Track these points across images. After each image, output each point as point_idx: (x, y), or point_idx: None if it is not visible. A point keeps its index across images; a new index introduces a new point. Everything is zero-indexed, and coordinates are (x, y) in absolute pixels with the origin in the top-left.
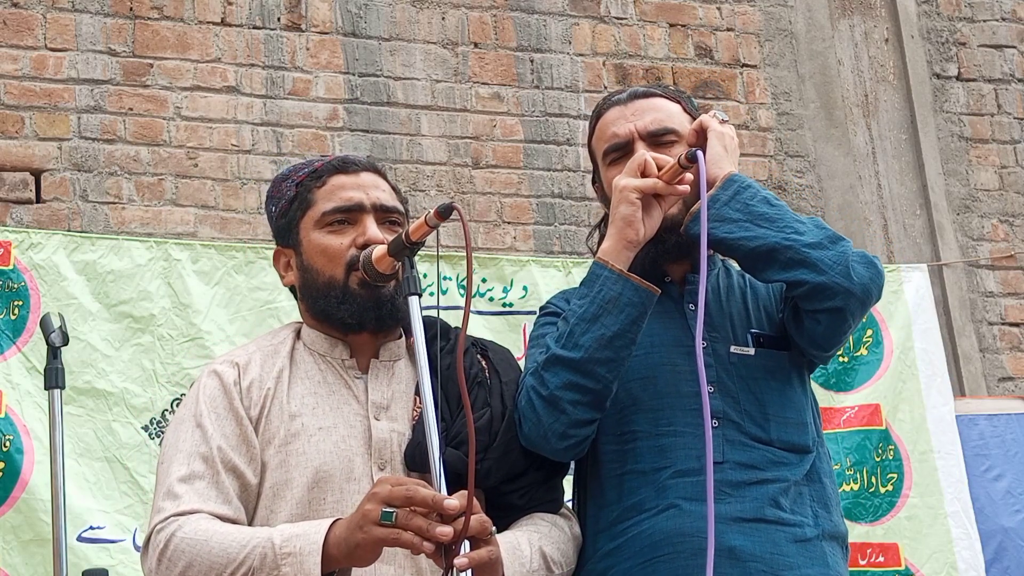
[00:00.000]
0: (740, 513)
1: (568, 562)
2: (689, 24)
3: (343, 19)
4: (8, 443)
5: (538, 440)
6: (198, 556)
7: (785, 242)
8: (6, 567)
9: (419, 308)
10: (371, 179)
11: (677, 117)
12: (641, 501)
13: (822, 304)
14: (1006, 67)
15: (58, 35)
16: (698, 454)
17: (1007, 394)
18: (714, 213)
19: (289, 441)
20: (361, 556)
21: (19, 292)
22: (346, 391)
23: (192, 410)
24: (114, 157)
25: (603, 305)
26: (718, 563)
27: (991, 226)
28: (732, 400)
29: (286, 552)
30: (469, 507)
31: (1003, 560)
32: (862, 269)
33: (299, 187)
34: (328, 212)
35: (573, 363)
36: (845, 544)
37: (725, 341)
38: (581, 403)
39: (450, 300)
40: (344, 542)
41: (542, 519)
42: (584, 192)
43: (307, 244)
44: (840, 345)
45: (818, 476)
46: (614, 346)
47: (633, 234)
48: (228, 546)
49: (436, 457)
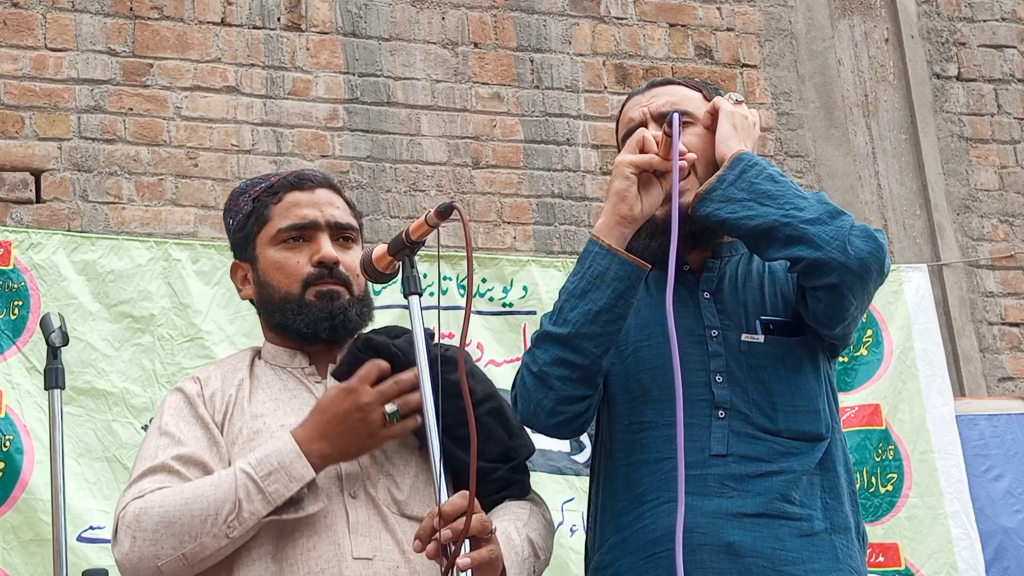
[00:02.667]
0: (743, 508)
1: (549, 547)
2: (689, 24)
3: (343, 19)
4: (8, 443)
5: (530, 416)
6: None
7: (784, 219)
8: (6, 567)
9: (419, 307)
10: (326, 196)
11: (693, 102)
12: (644, 492)
13: (819, 280)
14: (1006, 67)
15: (58, 35)
16: (701, 446)
17: (1007, 394)
18: (720, 194)
19: (252, 438)
20: (360, 452)
21: (19, 292)
22: (307, 395)
23: (157, 424)
24: (114, 157)
25: (592, 280)
26: (716, 559)
27: (991, 226)
28: (741, 390)
29: (266, 472)
30: (470, 507)
31: (1003, 560)
32: (860, 243)
33: (255, 202)
34: (283, 229)
35: (562, 338)
36: (861, 535)
37: (737, 329)
38: (570, 379)
39: (450, 300)
40: (340, 450)
41: (520, 507)
42: (584, 192)
43: (263, 260)
44: (845, 323)
45: (832, 465)
46: (600, 320)
47: (626, 209)
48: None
49: (436, 457)
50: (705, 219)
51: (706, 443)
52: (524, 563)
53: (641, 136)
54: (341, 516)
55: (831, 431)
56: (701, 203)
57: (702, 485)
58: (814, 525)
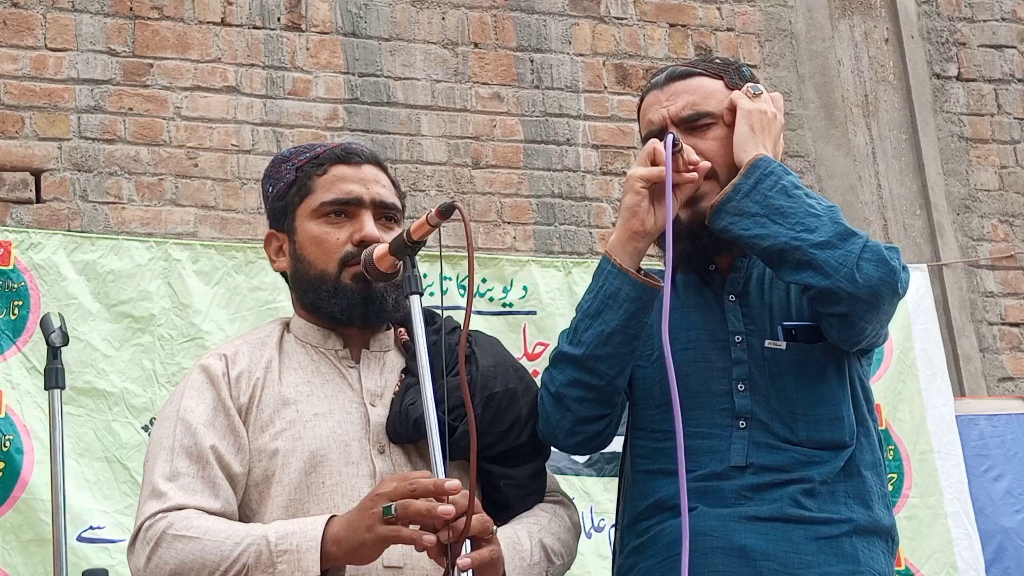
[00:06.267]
0: (756, 512)
1: (569, 551)
2: (689, 24)
3: (343, 19)
4: (8, 443)
5: (549, 437)
6: (190, 555)
7: (794, 242)
8: (6, 567)
9: (420, 307)
10: (372, 173)
11: (715, 97)
12: (663, 500)
13: (830, 309)
14: (1006, 67)
15: (58, 35)
16: (721, 457)
17: (1007, 394)
18: (734, 207)
19: (285, 428)
20: (364, 555)
21: (19, 292)
22: (340, 380)
23: (176, 405)
24: (114, 157)
25: (604, 301)
26: (728, 562)
27: (991, 226)
28: (763, 399)
29: (282, 549)
30: (471, 507)
31: (1003, 560)
32: (870, 269)
33: (299, 172)
34: (326, 203)
35: (576, 360)
36: (891, 537)
37: (761, 335)
38: (586, 400)
39: (450, 300)
40: (346, 540)
41: (542, 510)
42: (584, 192)
43: (302, 232)
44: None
45: (857, 470)
46: (614, 342)
47: (638, 224)
48: (221, 543)
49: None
50: (720, 233)
51: (726, 454)
52: (532, 568)
53: (652, 148)
54: None
55: (855, 436)
56: (716, 216)
57: (720, 497)
58: (832, 529)
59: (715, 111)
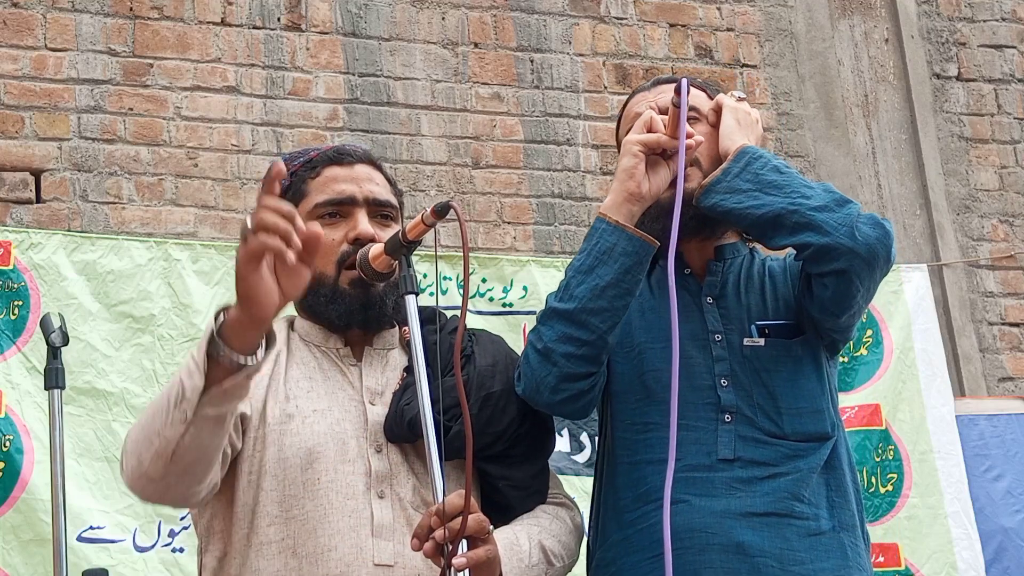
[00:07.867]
0: (751, 508)
1: (570, 553)
2: (689, 24)
3: (343, 19)
4: (8, 443)
5: (532, 393)
6: (145, 418)
7: (791, 207)
8: (6, 567)
9: (416, 307)
10: (365, 171)
11: (700, 99)
12: (650, 491)
13: (828, 266)
14: (1006, 67)
15: (58, 35)
16: (708, 449)
17: (1007, 394)
18: (725, 185)
19: (283, 421)
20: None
21: (19, 292)
22: (341, 378)
23: None
24: (114, 157)
25: (599, 256)
26: (726, 559)
27: (991, 226)
28: (745, 394)
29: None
30: (467, 506)
31: (1003, 560)
32: (868, 229)
33: (293, 176)
34: (320, 204)
35: (568, 314)
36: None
37: (740, 334)
38: (575, 355)
39: (450, 300)
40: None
41: (543, 511)
42: (584, 192)
43: None
44: (851, 311)
45: (838, 463)
46: (607, 295)
47: (634, 186)
48: (157, 400)
49: (431, 438)
50: (710, 210)
51: (713, 447)
52: (530, 569)
53: (649, 116)
54: (366, 517)
55: (836, 428)
56: (706, 194)
57: (709, 487)
58: (820, 524)
59: (701, 108)
